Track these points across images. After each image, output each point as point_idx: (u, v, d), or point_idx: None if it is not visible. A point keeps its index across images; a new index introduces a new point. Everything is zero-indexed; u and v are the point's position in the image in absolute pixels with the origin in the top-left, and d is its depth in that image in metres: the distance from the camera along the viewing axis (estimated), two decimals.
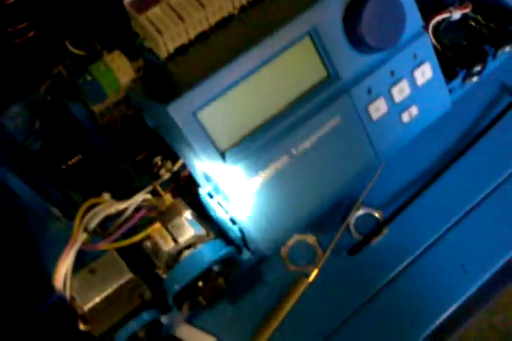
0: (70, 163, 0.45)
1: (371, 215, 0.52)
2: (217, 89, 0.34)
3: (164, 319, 0.42)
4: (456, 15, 0.49)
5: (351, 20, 0.36)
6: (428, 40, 0.41)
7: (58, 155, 0.46)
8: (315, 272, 0.49)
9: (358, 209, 0.51)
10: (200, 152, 0.35)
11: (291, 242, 0.50)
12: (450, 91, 0.48)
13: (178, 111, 0.33)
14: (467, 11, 0.49)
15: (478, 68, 0.48)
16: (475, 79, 0.50)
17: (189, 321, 0.46)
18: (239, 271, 0.43)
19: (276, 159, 0.37)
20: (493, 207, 0.52)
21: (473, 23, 0.49)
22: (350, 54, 0.38)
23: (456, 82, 0.48)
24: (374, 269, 0.50)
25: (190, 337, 0.46)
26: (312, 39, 0.36)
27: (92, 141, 0.47)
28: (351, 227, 0.51)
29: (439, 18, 0.48)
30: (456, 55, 0.48)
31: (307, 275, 0.49)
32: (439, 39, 0.48)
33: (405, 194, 0.52)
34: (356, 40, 0.37)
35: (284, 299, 0.48)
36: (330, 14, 0.36)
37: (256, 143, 0.37)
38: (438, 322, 0.48)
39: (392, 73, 0.40)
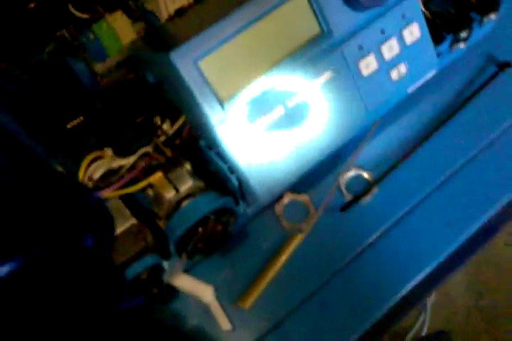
0: (72, 124, 0.46)
1: (361, 176, 0.54)
2: (216, 40, 0.36)
3: (165, 264, 0.43)
4: None
5: None
6: (417, 1, 0.43)
7: (61, 117, 0.47)
8: (308, 228, 0.51)
9: (349, 170, 0.53)
10: (201, 100, 0.36)
11: (285, 200, 0.52)
12: (438, 55, 0.50)
13: (180, 58, 0.35)
14: None
15: (464, 34, 0.50)
16: (462, 45, 0.52)
17: (187, 272, 0.48)
18: (236, 222, 0.45)
19: (271, 109, 0.39)
20: (475, 169, 0.54)
21: None
22: (343, 11, 0.40)
23: (444, 46, 0.50)
24: (364, 226, 0.52)
25: (188, 285, 0.48)
26: None
27: (94, 103, 0.48)
28: (342, 187, 0.53)
29: None
30: (443, 22, 0.50)
31: (301, 232, 0.51)
32: (428, 7, 0.49)
33: (394, 156, 0.54)
34: None
35: (279, 253, 0.50)
36: None
37: (253, 93, 0.38)
38: (422, 275, 0.50)
39: (383, 31, 0.42)
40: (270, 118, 0.39)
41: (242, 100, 0.38)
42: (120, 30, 0.42)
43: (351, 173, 0.53)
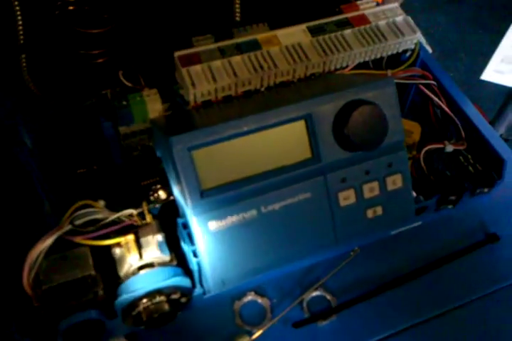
0: (83, 170, 0.50)
1: (325, 298, 0.53)
2: (213, 138, 0.39)
3: (109, 324, 0.43)
4: (450, 148, 0.53)
5: (340, 120, 0.41)
6: (405, 155, 0.44)
7: (74, 161, 0.51)
8: (257, 334, 0.50)
9: (316, 289, 0.53)
10: (184, 184, 0.39)
11: (246, 298, 0.51)
12: (424, 209, 0.50)
13: (177, 144, 0.38)
14: (461, 148, 0.53)
15: (452, 198, 0.51)
16: (450, 206, 0.52)
17: (129, 336, 0.48)
18: (188, 304, 0.45)
19: (245, 210, 0.41)
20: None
21: (462, 160, 0.53)
22: (334, 146, 0.42)
23: (431, 202, 0.51)
24: None
25: None
26: (306, 123, 0.41)
27: (110, 157, 0.52)
28: (304, 303, 0.52)
29: (432, 146, 0.52)
30: (437, 181, 0.51)
31: (249, 334, 0.50)
32: (428, 162, 0.52)
33: (365, 289, 0.53)
34: (341, 138, 0.42)
35: None
36: (325, 109, 0.41)
37: (233, 191, 0.40)
38: None
39: (367, 172, 0.43)
40: (242, 217, 0.41)
41: (221, 193, 0.40)
42: (150, 105, 0.47)
43: (317, 293, 0.53)
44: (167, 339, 0.48)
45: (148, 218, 0.43)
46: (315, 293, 0.52)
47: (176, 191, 0.42)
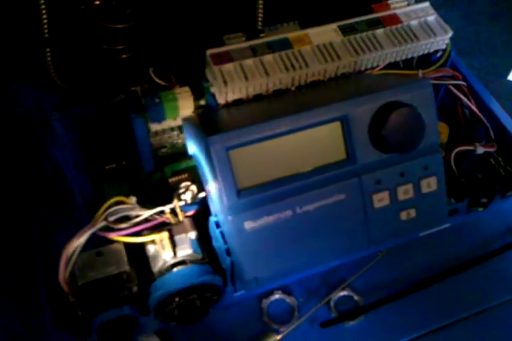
0: (113, 165, 0.50)
1: (352, 298, 0.53)
2: (251, 138, 0.38)
3: (141, 320, 0.44)
4: (480, 150, 0.52)
5: (377, 122, 0.41)
6: (440, 157, 0.44)
7: (105, 157, 0.51)
8: (285, 332, 0.50)
9: (343, 289, 0.53)
10: (221, 183, 0.39)
11: (273, 297, 0.51)
12: (455, 211, 0.50)
13: (215, 143, 0.38)
14: (491, 150, 0.53)
15: (484, 200, 0.51)
16: (480, 209, 0.52)
17: (161, 332, 0.48)
18: (219, 301, 0.45)
19: (280, 210, 0.40)
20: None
21: (493, 162, 0.53)
22: (369, 147, 0.42)
23: (462, 205, 0.50)
24: None
25: None
26: (342, 125, 0.41)
27: (139, 154, 0.52)
28: (331, 303, 0.52)
29: (463, 148, 0.52)
30: (468, 183, 0.51)
31: (277, 332, 0.50)
32: (459, 165, 0.51)
33: (391, 290, 0.53)
34: (377, 139, 0.42)
35: None
36: (362, 111, 0.41)
37: (270, 191, 0.40)
38: None
39: (402, 174, 0.43)
40: (277, 217, 0.41)
41: (257, 193, 0.40)
42: (182, 102, 0.47)
43: (344, 293, 0.53)
44: (195, 335, 0.49)
45: (181, 216, 0.43)
46: (342, 293, 0.52)
47: (210, 190, 0.41)
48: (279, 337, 0.49)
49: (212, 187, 0.40)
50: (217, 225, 0.42)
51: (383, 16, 0.53)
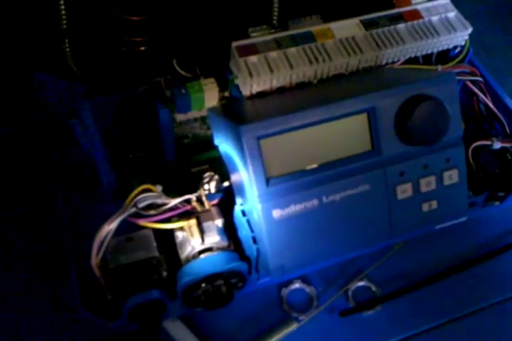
0: (137, 155, 0.51)
1: (370, 289, 0.53)
2: (281, 128, 0.39)
3: (169, 305, 0.44)
4: (497, 145, 0.53)
5: (403, 114, 0.41)
6: (462, 150, 0.44)
7: (130, 146, 0.52)
8: (306, 319, 0.51)
9: (361, 279, 0.53)
10: (251, 172, 0.39)
11: (293, 286, 0.52)
12: (472, 204, 0.51)
13: (246, 132, 0.38)
14: (509, 145, 0.53)
15: (501, 194, 0.51)
16: (497, 203, 0.53)
17: (186, 318, 0.49)
18: (243, 288, 0.46)
19: (307, 199, 0.41)
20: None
21: (509, 157, 0.53)
22: (395, 139, 0.42)
23: (480, 198, 0.51)
24: (358, 337, 0.50)
25: (177, 333, 0.48)
26: (369, 117, 0.41)
27: (162, 143, 0.52)
28: (349, 293, 0.53)
29: (480, 143, 0.52)
30: (486, 177, 0.52)
31: (297, 319, 0.51)
32: (476, 159, 0.52)
33: (409, 281, 0.53)
34: (403, 132, 0.42)
35: (269, 334, 0.50)
36: (388, 103, 0.41)
37: (297, 180, 0.41)
38: None
39: (425, 166, 0.44)
40: (304, 206, 0.41)
41: (286, 182, 0.40)
42: (208, 93, 0.48)
43: (362, 283, 0.53)
44: (218, 320, 0.49)
45: (207, 204, 0.44)
46: (360, 283, 0.53)
47: (238, 179, 0.42)
48: (299, 324, 0.50)
49: (242, 176, 0.41)
50: (243, 213, 0.43)
51: (405, 11, 0.54)
